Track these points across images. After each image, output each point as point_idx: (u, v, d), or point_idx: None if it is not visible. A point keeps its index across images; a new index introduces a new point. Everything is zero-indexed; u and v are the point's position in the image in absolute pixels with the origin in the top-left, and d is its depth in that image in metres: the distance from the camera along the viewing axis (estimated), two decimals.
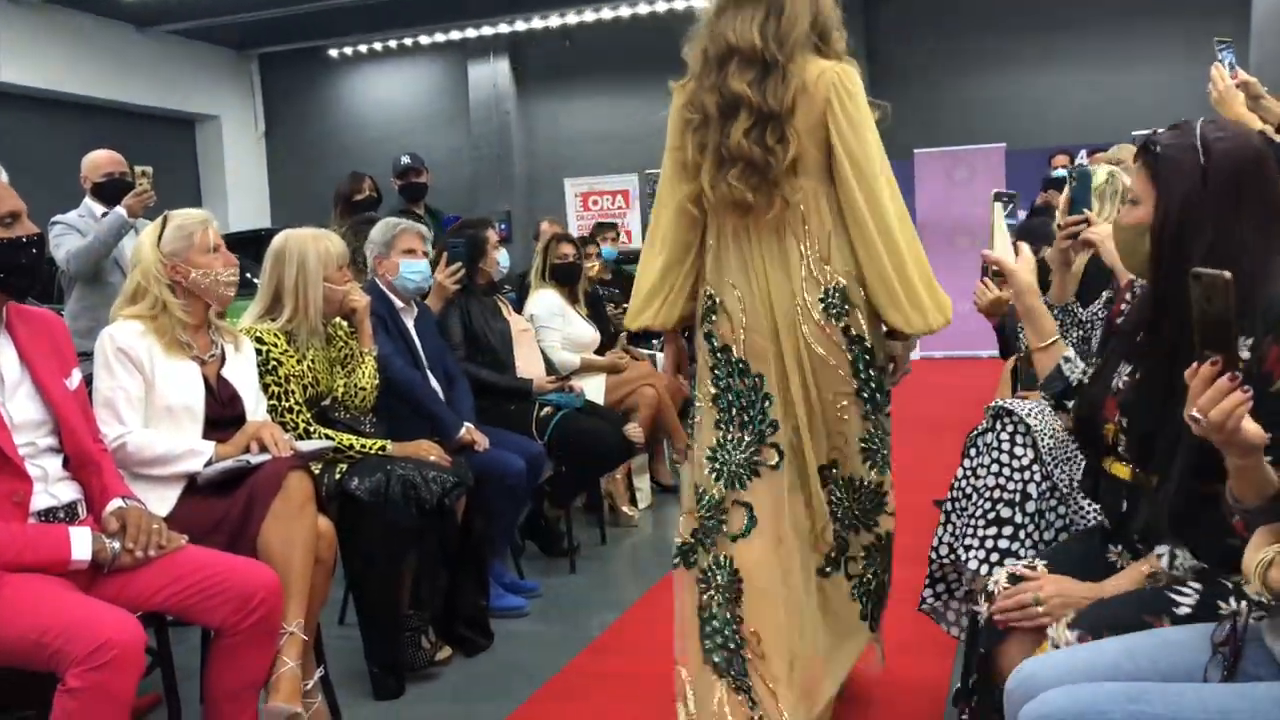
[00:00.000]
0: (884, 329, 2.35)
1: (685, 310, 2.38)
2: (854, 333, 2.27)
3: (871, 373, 2.31)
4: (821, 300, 2.25)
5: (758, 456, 2.29)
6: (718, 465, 2.30)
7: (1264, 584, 1.29)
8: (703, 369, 2.36)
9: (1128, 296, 1.96)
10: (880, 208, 2.20)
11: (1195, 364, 1.30)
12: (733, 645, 2.26)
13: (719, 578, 2.28)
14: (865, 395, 2.30)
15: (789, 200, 2.21)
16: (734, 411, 2.30)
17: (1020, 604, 1.74)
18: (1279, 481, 1.38)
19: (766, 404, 2.27)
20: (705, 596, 2.29)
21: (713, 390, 2.32)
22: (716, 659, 2.26)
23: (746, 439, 2.29)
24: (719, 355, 2.32)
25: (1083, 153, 6.93)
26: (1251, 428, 1.33)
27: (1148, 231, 1.66)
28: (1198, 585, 1.63)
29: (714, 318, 2.31)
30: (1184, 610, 1.59)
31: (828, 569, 2.40)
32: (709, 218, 2.30)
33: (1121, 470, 1.78)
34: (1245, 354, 1.48)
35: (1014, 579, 1.89)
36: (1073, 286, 2.73)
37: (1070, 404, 1.96)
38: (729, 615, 2.26)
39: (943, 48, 10.81)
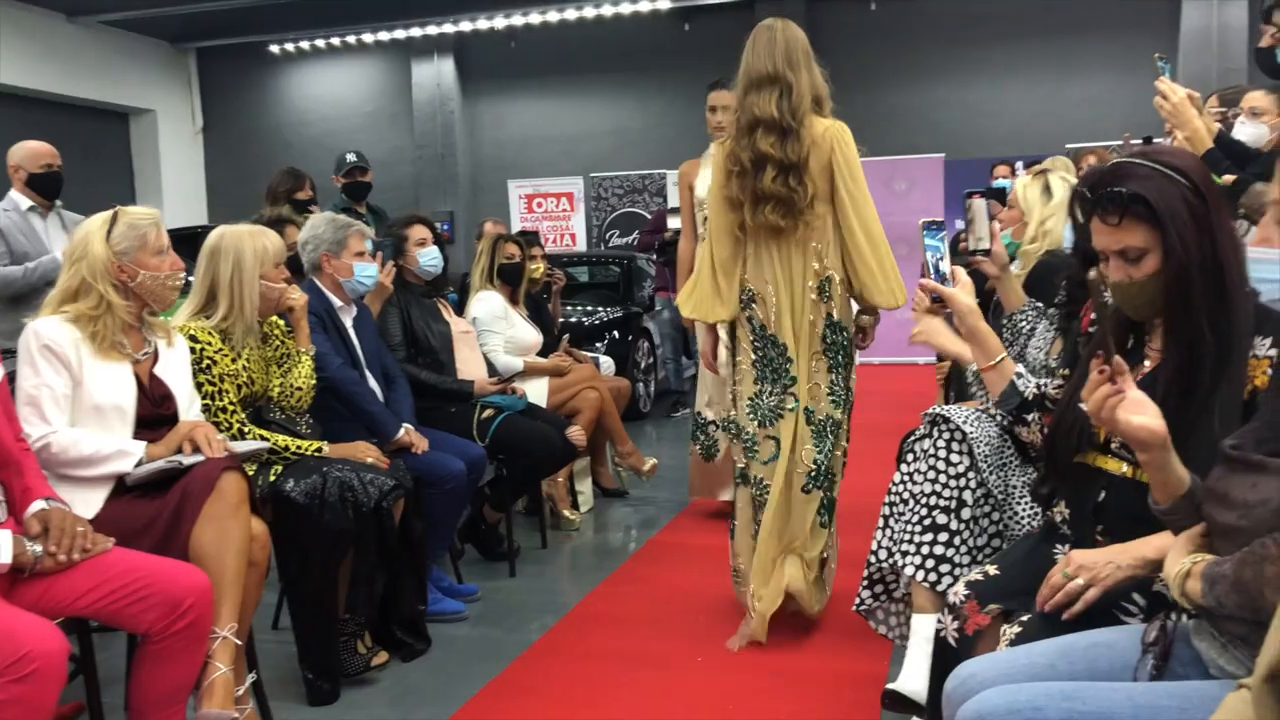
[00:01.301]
0: (855, 309, 3.21)
1: (736, 306, 3.18)
2: (833, 316, 3.12)
3: (839, 339, 3.13)
4: (817, 288, 3.11)
5: (782, 404, 3.14)
6: (756, 410, 3.18)
7: (1183, 594, 1.33)
8: (744, 342, 3.20)
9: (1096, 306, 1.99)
10: (868, 222, 3.09)
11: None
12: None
13: (758, 485, 3.19)
14: (830, 355, 3.14)
15: (810, 224, 3.08)
16: (768, 372, 3.16)
17: (1056, 587, 1.67)
18: (1189, 482, 1.43)
19: (789, 365, 3.14)
20: (758, 500, 3.20)
21: (753, 356, 3.18)
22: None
23: (776, 391, 3.15)
24: (758, 332, 3.17)
25: (1020, 164, 7.08)
26: (1136, 422, 1.39)
27: (1162, 278, 1.63)
28: (1142, 600, 1.66)
29: (753, 306, 3.16)
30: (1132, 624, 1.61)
31: (809, 487, 3.17)
32: (747, 236, 3.15)
33: (1110, 464, 1.80)
34: (1271, 352, 1.57)
35: (974, 585, 1.91)
36: (1018, 285, 2.77)
37: (1029, 417, 1.98)
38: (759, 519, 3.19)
39: (883, 59, 10.96)
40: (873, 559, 2.59)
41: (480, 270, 4.69)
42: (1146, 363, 1.75)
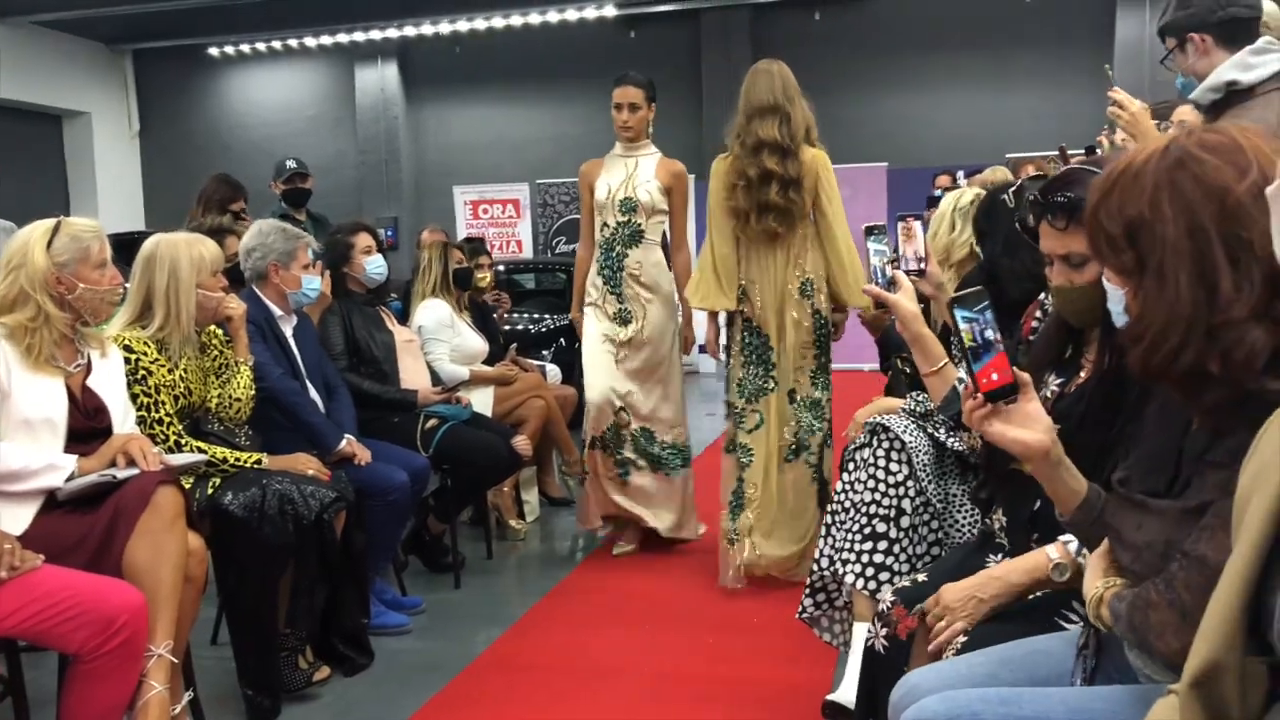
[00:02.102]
0: (832, 306, 3.79)
1: (736, 298, 3.78)
2: (816, 309, 3.74)
3: (821, 333, 3.77)
4: (799, 288, 3.73)
5: (765, 383, 3.79)
6: (743, 388, 3.83)
7: (1095, 617, 1.36)
8: (736, 332, 3.85)
9: (1038, 314, 2.00)
10: (844, 233, 3.73)
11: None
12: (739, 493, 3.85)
13: (743, 450, 3.83)
14: (817, 345, 3.78)
15: (802, 231, 3.71)
16: (753, 357, 3.81)
17: (929, 629, 1.73)
18: (1084, 493, 1.46)
19: (770, 353, 3.78)
20: (741, 473, 3.83)
21: (744, 343, 3.83)
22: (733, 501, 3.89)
23: (760, 373, 3.80)
24: (746, 323, 3.81)
25: (961, 173, 7.19)
26: (1010, 435, 1.42)
27: (1100, 286, 1.59)
28: (1081, 608, 1.68)
29: (743, 301, 3.79)
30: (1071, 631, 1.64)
31: (789, 458, 3.77)
32: (741, 239, 3.76)
33: None
34: None
35: (901, 592, 1.93)
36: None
37: None
38: (741, 477, 3.83)
39: (827, 69, 11.07)
40: (815, 567, 2.61)
41: (432, 279, 4.59)
42: (1082, 373, 1.78)
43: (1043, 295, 2.01)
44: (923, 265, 2.35)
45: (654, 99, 4.16)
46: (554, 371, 5.70)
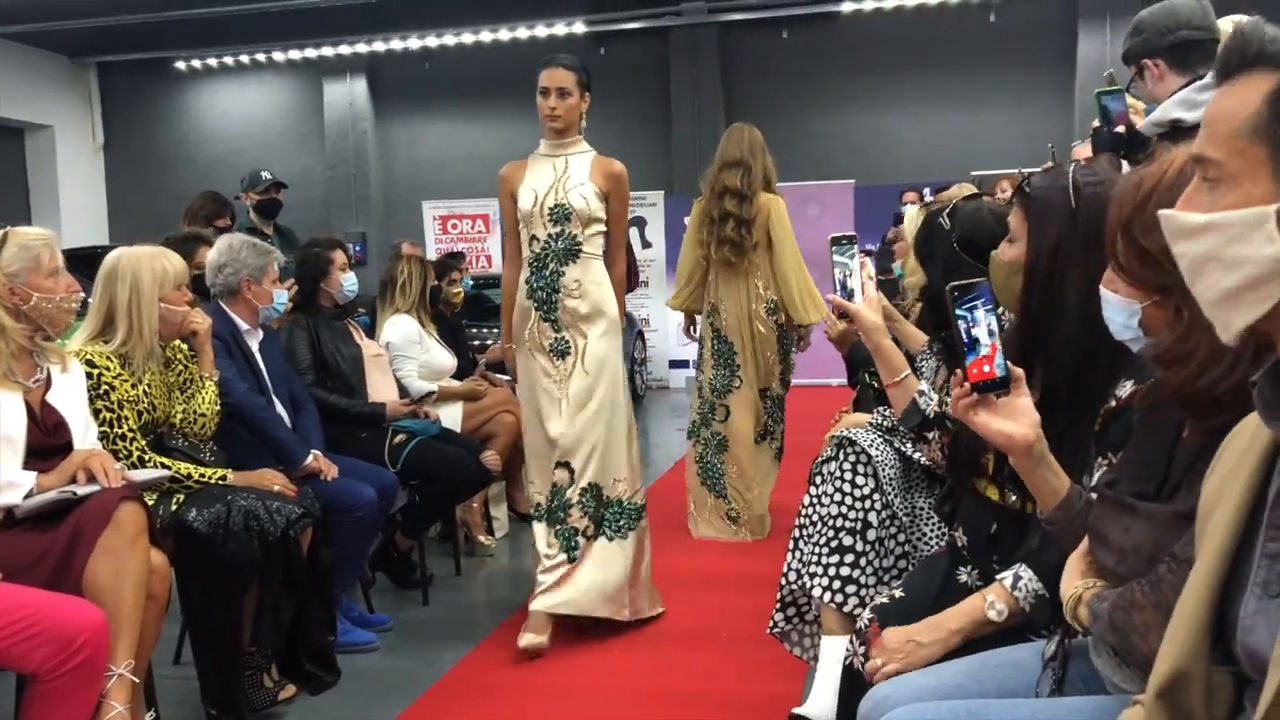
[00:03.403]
0: (793, 321, 4.64)
1: (700, 303, 4.75)
2: (779, 323, 4.62)
3: (785, 343, 4.67)
4: (765, 307, 4.62)
5: (731, 383, 4.67)
6: (711, 385, 4.68)
7: (1073, 617, 1.37)
8: (707, 338, 4.72)
9: None
10: (793, 264, 4.59)
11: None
12: (717, 475, 4.70)
13: (713, 442, 4.70)
14: (782, 353, 4.66)
15: (751, 259, 4.57)
16: (720, 360, 4.67)
17: (872, 671, 1.74)
18: (1064, 491, 1.47)
19: (735, 358, 4.65)
20: (699, 451, 4.72)
21: (711, 349, 4.68)
22: (705, 482, 4.73)
23: (725, 373, 4.67)
24: (715, 332, 4.69)
25: (927, 190, 7.26)
26: (995, 427, 1.45)
27: (1021, 269, 1.72)
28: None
29: (715, 315, 4.68)
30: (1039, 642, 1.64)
31: (760, 438, 4.72)
32: (710, 263, 4.64)
33: (993, 492, 1.85)
34: (1125, 391, 1.54)
35: (878, 609, 1.93)
36: (911, 328, 2.84)
37: (930, 435, 2.02)
38: (719, 460, 4.70)
39: (795, 87, 11.18)
40: (784, 581, 2.61)
41: (412, 295, 4.55)
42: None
43: (1000, 310, 2.02)
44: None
45: (589, 89, 3.53)
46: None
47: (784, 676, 3.03)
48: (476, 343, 6.14)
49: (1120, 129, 2.85)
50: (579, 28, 10.96)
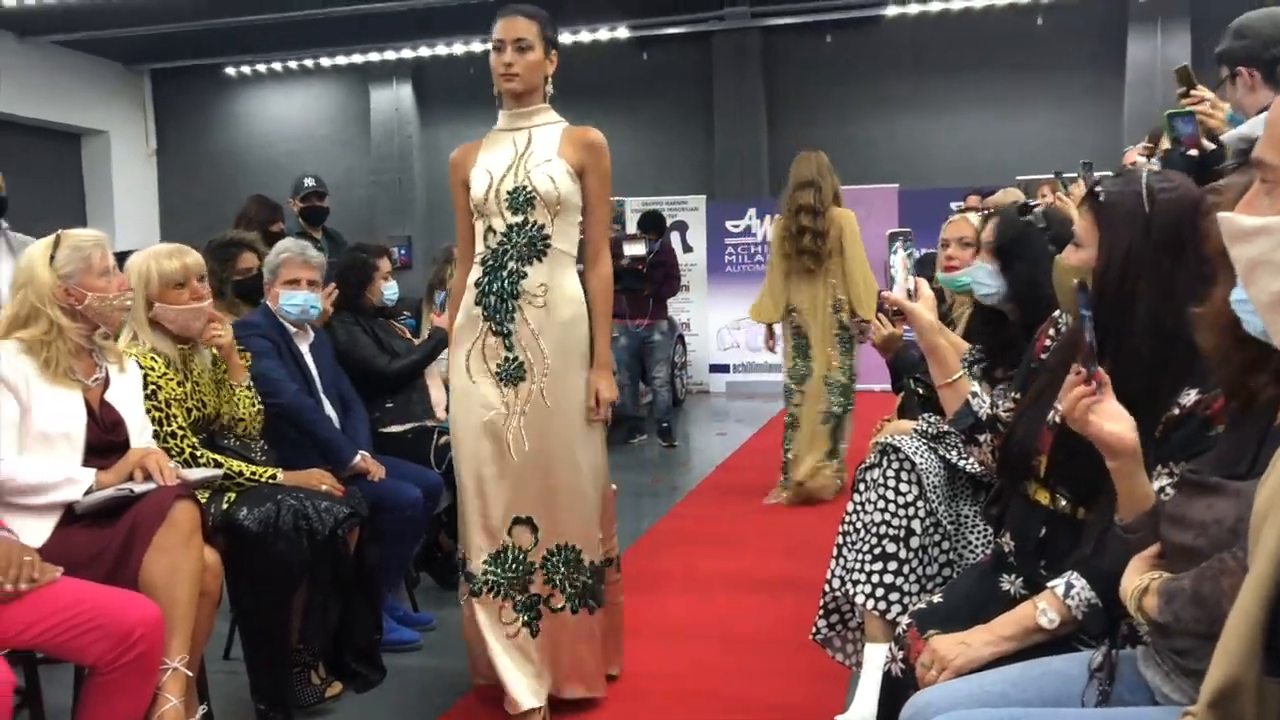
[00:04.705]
0: (855, 315, 5.35)
1: (782, 313, 5.48)
2: (841, 320, 5.39)
3: (846, 335, 5.41)
4: (832, 306, 5.37)
5: (805, 370, 5.44)
6: (792, 375, 5.49)
7: (1139, 610, 1.36)
8: (786, 338, 5.54)
9: (1051, 332, 1.99)
10: (863, 264, 5.32)
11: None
12: (785, 448, 5.56)
13: (790, 418, 5.54)
14: (841, 344, 5.41)
15: (828, 268, 5.32)
16: (798, 353, 5.46)
17: (921, 679, 1.73)
18: (1154, 499, 1.46)
19: (810, 350, 5.43)
20: (791, 433, 5.54)
21: (792, 344, 5.49)
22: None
23: (802, 364, 5.45)
24: (794, 329, 5.47)
25: (972, 198, 7.19)
26: (1108, 428, 1.42)
27: (1090, 275, 1.70)
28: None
29: (793, 314, 5.45)
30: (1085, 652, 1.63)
31: (823, 423, 5.45)
32: (790, 271, 5.40)
33: (1045, 497, 1.83)
34: (1189, 400, 1.53)
35: (916, 614, 1.92)
36: (955, 339, 2.82)
37: (981, 437, 2.00)
38: (790, 436, 5.54)
39: (838, 91, 11.14)
40: (827, 588, 2.61)
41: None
42: None
43: (1056, 313, 2.01)
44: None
45: (555, 46, 2.88)
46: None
47: (826, 683, 3.02)
48: None
49: (1192, 152, 2.73)
50: (622, 32, 10.99)
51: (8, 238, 4.38)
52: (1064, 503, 1.79)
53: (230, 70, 12.38)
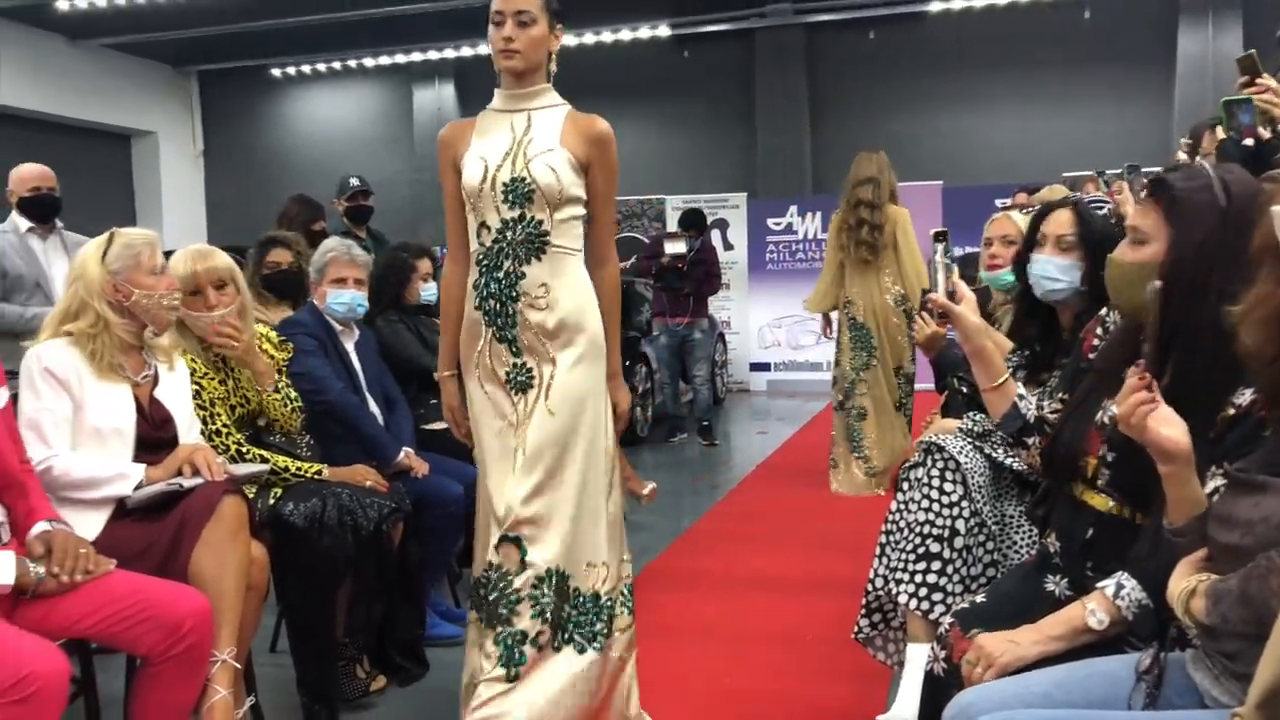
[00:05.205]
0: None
1: (833, 302, 5.91)
2: (906, 311, 5.63)
3: (910, 328, 5.42)
4: (893, 299, 5.69)
5: (869, 361, 5.73)
6: (852, 365, 5.76)
7: (1186, 612, 1.34)
8: (843, 330, 5.81)
9: (1099, 331, 1.96)
10: (913, 263, 5.60)
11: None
12: (859, 439, 5.77)
13: (854, 412, 5.78)
14: (909, 338, 5.51)
15: (881, 258, 5.64)
16: (858, 344, 5.74)
17: (967, 678, 1.71)
18: (1205, 501, 1.44)
19: (871, 340, 5.71)
20: (845, 422, 5.82)
21: (849, 337, 5.77)
22: (850, 447, 5.83)
23: (864, 354, 5.75)
24: (853, 320, 5.76)
25: (1020, 195, 7.10)
26: (1165, 432, 1.41)
27: (1155, 271, 1.65)
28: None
29: (850, 305, 5.75)
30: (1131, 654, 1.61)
31: (896, 409, 5.79)
32: (846, 263, 5.74)
33: (1096, 500, 1.81)
34: (1244, 400, 1.50)
35: (959, 614, 1.91)
36: (1001, 339, 2.79)
37: (1029, 440, 1.98)
38: (860, 427, 5.76)
39: (881, 87, 11.06)
40: (870, 587, 2.60)
41: None
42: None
43: (1103, 311, 1.98)
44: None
45: (560, 19, 2.61)
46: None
47: (867, 682, 3.01)
48: None
49: (1249, 141, 2.65)
50: (663, 30, 10.99)
51: (62, 237, 4.49)
52: (1112, 504, 1.77)
53: (275, 71, 12.55)
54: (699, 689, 3.11)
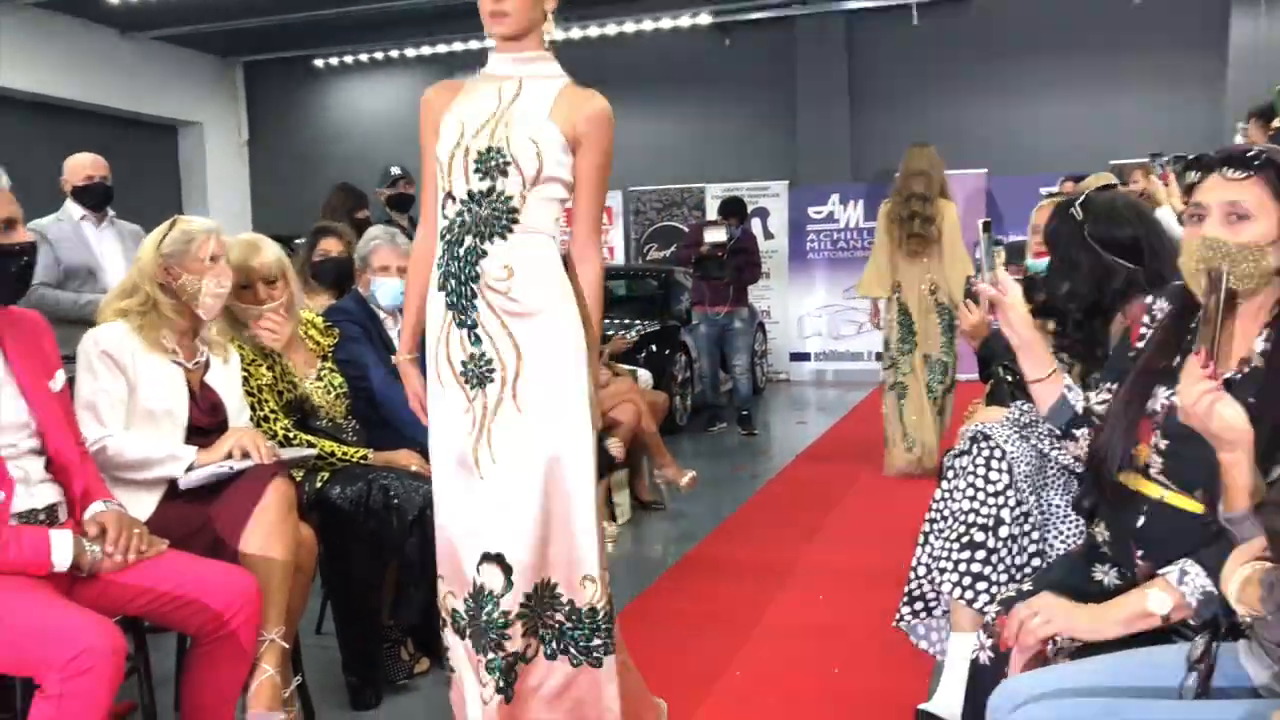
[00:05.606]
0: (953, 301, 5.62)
1: (889, 289, 5.94)
2: (939, 301, 5.82)
3: (945, 318, 5.79)
4: (930, 287, 5.82)
5: (909, 345, 5.88)
6: (897, 348, 5.91)
7: (1240, 600, 1.33)
8: (892, 313, 5.92)
9: (1145, 319, 1.92)
10: (958, 256, 5.73)
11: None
12: (900, 417, 5.92)
13: (898, 388, 5.92)
14: (943, 324, 5.81)
15: (929, 251, 5.77)
16: (904, 329, 5.89)
17: (1017, 628, 1.70)
18: (1264, 489, 1.42)
19: (912, 325, 5.86)
20: (892, 400, 5.95)
21: (896, 320, 5.90)
22: (899, 425, 5.95)
23: (906, 338, 5.88)
24: (899, 305, 5.89)
25: (1060, 180, 7.00)
26: (1230, 421, 1.38)
27: (1268, 249, 1.61)
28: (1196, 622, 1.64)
29: (897, 293, 5.89)
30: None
31: (931, 394, 5.88)
32: (896, 252, 5.85)
33: (1148, 488, 1.78)
34: None
35: (1005, 603, 1.90)
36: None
37: (1078, 432, 1.95)
38: (901, 404, 5.90)
39: (925, 74, 10.93)
40: (913, 575, 2.59)
41: None
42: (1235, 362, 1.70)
43: (1149, 299, 1.94)
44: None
45: None
46: (645, 376, 5.76)
47: (908, 671, 2.99)
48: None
49: None
50: (703, 19, 10.95)
51: (115, 225, 4.58)
52: (1165, 492, 1.75)
53: (319, 62, 12.66)
54: (736, 679, 3.11)
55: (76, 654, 1.78)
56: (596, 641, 2.31)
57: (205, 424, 2.59)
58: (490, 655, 2.23)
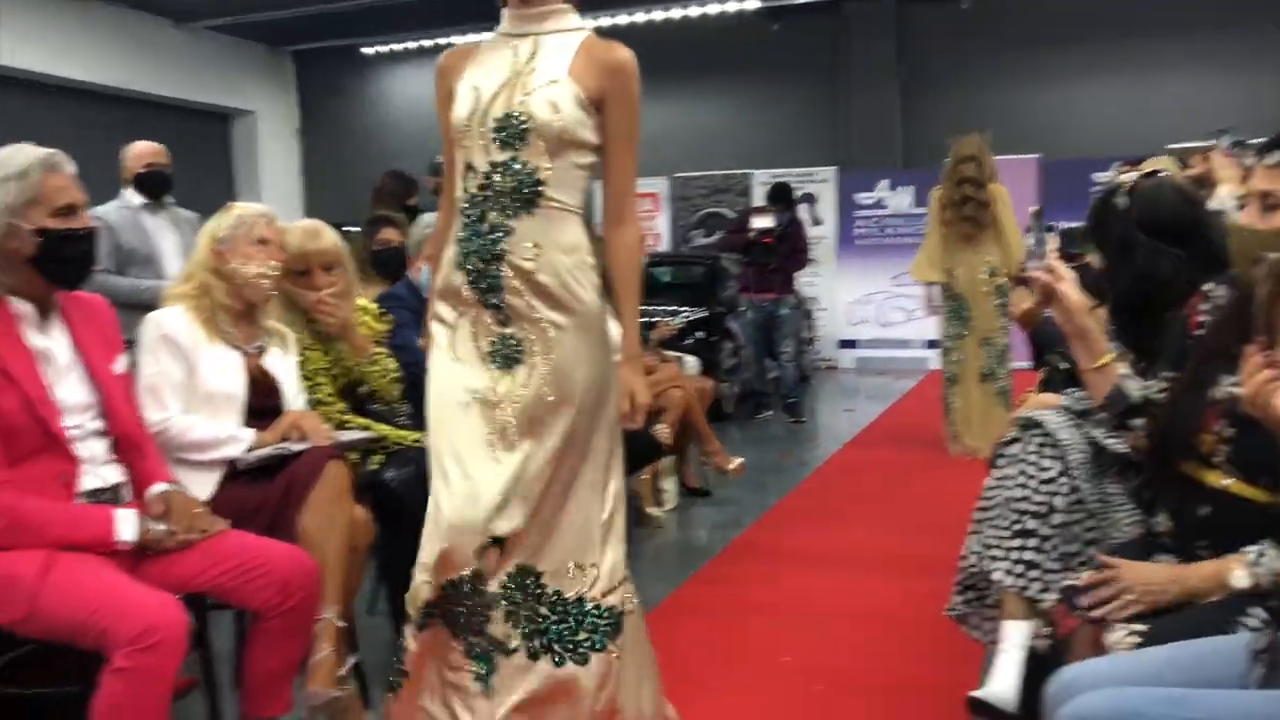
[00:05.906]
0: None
1: (935, 274, 6.08)
2: (997, 285, 5.87)
3: (1002, 300, 5.85)
4: (986, 270, 5.91)
5: (962, 330, 5.99)
6: (948, 334, 6.09)
7: None
8: (947, 298, 6.04)
9: (1203, 306, 1.90)
10: (1012, 238, 5.81)
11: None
12: (949, 403, 6.14)
13: (950, 373, 6.10)
14: (999, 307, 5.88)
15: (986, 235, 5.86)
16: (954, 314, 6.02)
17: (1105, 597, 1.71)
18: None
19: (965, 311, 5.97)
20: (952, 388, 6.09)
21: (949, 306, 6.03)
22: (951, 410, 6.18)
23: (958, 323, 6.01)
24: (952, 291, 6.02)
25: (1115, 165, 6.87)
26: None
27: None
28: (1262, 612, 1.62)
29: (951, 276, 5.98)
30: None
31: (983, 379, 5.97)
32: (948, 237, 5.95)
33: (1212, 477, 1.76)
34: None
35: (1065, 591, 1.88)
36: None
37: (1134, 421, 1.93)
38: (952, 391, 6.10)
39: (975, 59, 10.79)
40: (964, 564, 2.57)
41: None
42: None
43: (1207, 286, 1.91)
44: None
45: None
46: (692, 363, 5.76)
47: (960, 660, 2.97)
48: (645, 320, 6.24)
49: None
50: (751, 4, 10.89)
51: (172, 212, 4.66)
52: (1230, 481, 1.72)
53: (367, 50, 12.77)
54: (785, 667, 3.11)
55: (143, 629, 1.82)
56: (583, 636, 2.15)
57: (262, 407, 2.64)
58: (471, 639, 2.14)
